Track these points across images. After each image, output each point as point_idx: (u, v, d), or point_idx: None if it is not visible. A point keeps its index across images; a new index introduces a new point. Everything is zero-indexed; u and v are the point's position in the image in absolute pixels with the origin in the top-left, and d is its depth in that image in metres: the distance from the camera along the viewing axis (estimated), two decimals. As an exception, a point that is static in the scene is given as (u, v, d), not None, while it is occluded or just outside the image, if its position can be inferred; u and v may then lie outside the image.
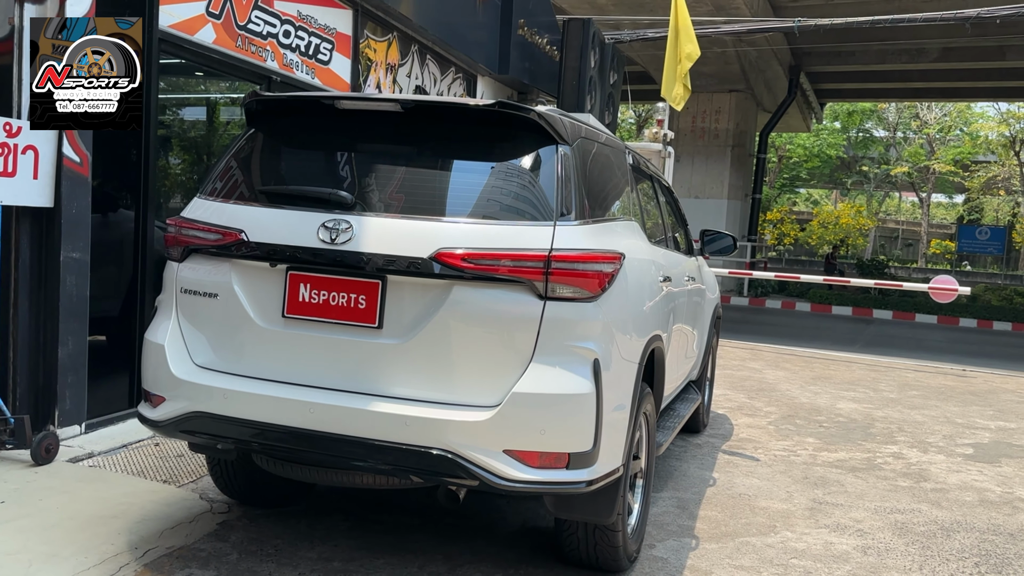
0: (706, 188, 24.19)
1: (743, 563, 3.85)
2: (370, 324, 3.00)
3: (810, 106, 28.78)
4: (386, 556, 3.66)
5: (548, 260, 2.91)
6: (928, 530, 4.46)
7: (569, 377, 2.94)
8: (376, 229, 3.00)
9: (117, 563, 3.40)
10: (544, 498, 3.33)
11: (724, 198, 24.10)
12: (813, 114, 30.60)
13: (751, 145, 25.56)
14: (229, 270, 3.20)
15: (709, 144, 24.15)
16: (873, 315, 19.78)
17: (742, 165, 24.87)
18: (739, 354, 10.84)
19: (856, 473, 5.48)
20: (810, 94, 27.05)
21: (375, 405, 2.95)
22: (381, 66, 8.17)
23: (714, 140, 24.14)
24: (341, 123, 3.34)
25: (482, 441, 2.88)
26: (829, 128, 42.57)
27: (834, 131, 42.96)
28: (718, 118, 24.07)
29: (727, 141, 24.03)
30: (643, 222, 4.12)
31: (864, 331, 16.04)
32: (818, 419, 7.13)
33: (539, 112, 3.11)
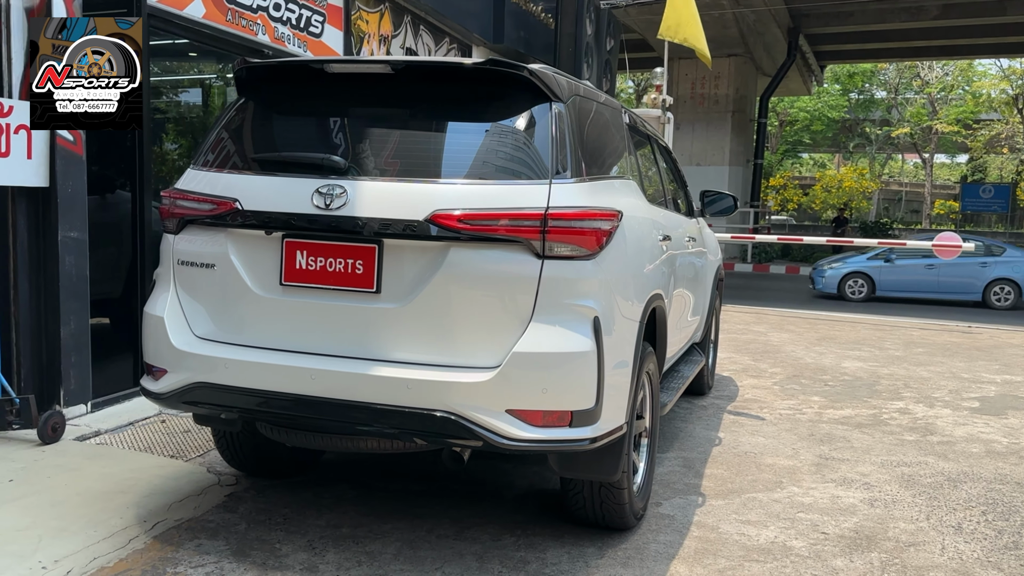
0: (707, 155, 24.09)
1: (750, 518, 3.86)
2: (368, 289, 2.99)
3: (810, 69, 28.54)
4: (394, 521, 3.67)
5: (545, 218, 2.89)
6: (935, 481, 4.47)
7: (569, 335, 2.93)
8: (370, 193, 2.98)
9: (126, 536, 3.42)
10: (549, 457, 3.33)
11: (725, 164, 24.00)
12: (813, 77, 30.36)
13: (751, 110, 25.42)
14: (225, 240, 3.18)
15: (709, 110, 24.02)
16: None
17: (743, 131, 24.75)
18: (743, 318, 10.83)
19: (862, 429, 5.48)
20: (810, 56, 26.81)
21: (376, 369, 2.95)
22: (374, 37, 8.11)
23: (714, 106, 24.01)
24: (331, 88, 3.32)
25: (484, 401, 2.87)
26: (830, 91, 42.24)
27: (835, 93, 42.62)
28: (717, 84, 23.92)
29: (727, 107, 23.90)
30: (641, 182, 4.09)
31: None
32: (823, 378, 7.12)
33: (531, 70, 3.08)
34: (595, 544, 3.51)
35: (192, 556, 3.29)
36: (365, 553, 3.36)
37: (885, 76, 43.00)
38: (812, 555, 3.48)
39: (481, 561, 3.32)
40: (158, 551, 3.32)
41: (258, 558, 3.29)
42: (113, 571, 3.15)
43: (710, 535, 3.65)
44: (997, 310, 13.31)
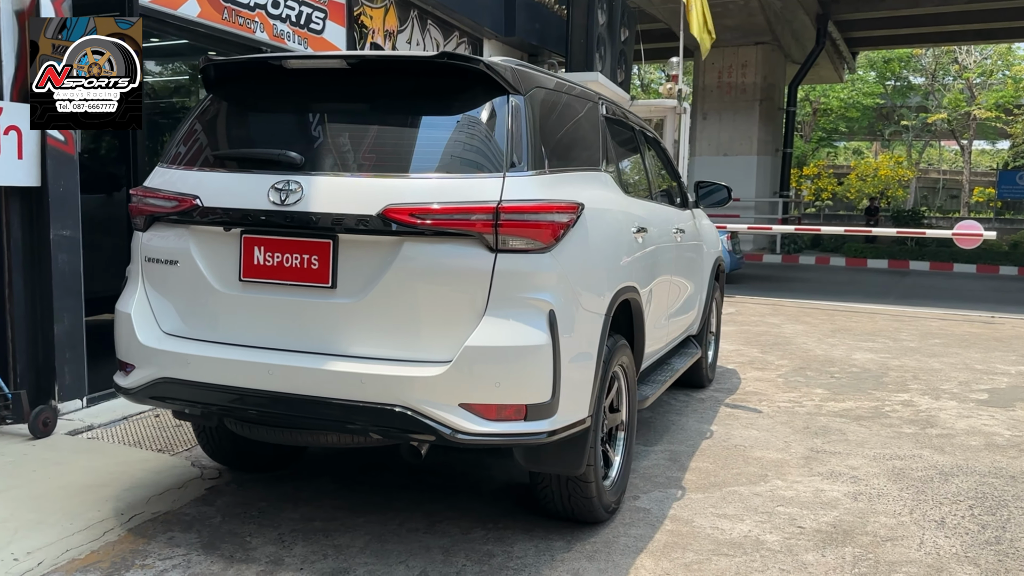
0: (734, 145, 23.81)
1: (727, 511, 3.83)
2: (324, 284, 3.01)
3: (841, 56, 28.07)
4: (367, 515, 3.70)
5: (497, 212, 2.88)
6: (926, 475, 4.39)
7: (523, 329, 2.92)
8: (325, 188, 3.00)
9: (102, 528, 3.48)
10: (514, 451, 3.33)
11: (753, 154, 23.70)
12: (845, 64, 29.85)
13: (780, 99, 25.05)
14: (188, 237, 3.23)
15: (736, 99, 23.73)
16: (909, 267, 19.41)
17: (771, 120, 24.41)
18: (759, 310, 10.71)
19: (860, 422, 5.40)
20: (840, 43, 26.36)
21: (332, 364, 2.97)
22: (379, 33, 8.14)
23: (741, 95, 23.71)
24: (292, 84, 3.34)
25: (437, 396, 2.88)
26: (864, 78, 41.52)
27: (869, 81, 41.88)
28: (744, 72, 23.61)
29: (754, 96, 23.58)
30: (618, 173, 4.06)
31: (899, 283, 15.75)
32: (830, 370, 7.02)
33: (487, 63, 3.07)
34: (564, 538, 3.50)
35: (162, 548, 3.34)
36: (333, 546, 3.39)
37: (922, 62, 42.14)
38: (784, 549, 3.44)
39: (447, 554, 3.33)
40: (130, 543, 3.38)
41: (227, 551, 3.34)
42: (84, 563, 3.21)
43: (683, 529, 3.63)
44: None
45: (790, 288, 14.03)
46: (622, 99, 11.61)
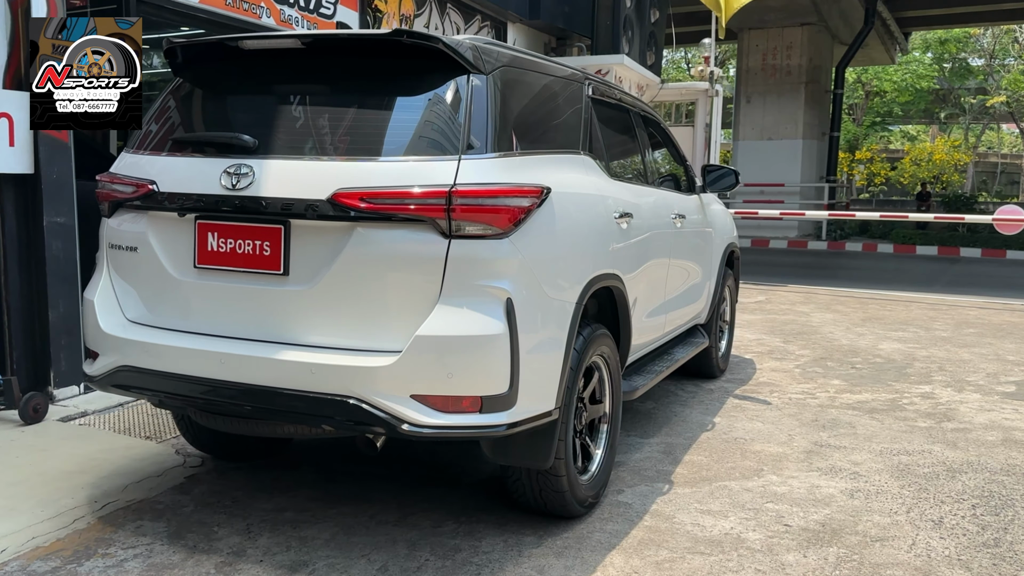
0: (779, 128, 23.30)
1: (712, 507, 3.68)
2: (276, 271, 2.94)
3: (892, 36, 27.23)
4: (341, 506, 3.63)
5: (450, 196, 2.77)
6: (932, 471, 4.18)
7: (478, 318, 2.82)
8: (276, 172, 2.92)
9: (72, 516, 3.47)
10: (481, 444, 3.23)
11: (798, 138, 23.17)
12: (897, 45, 28.96)
13: (827, 81, 24.41)
14: (145, 223, 3.18)
15: (781, 82, 23.20)
16: (960, 253, 18.76)
17: (817, 102, 23.81)
18: (791, 298, 10.43)
19: (873, 415, 5.18)
20: (891, 23, 25.56)
21: (283, 353, 2.90)
22: (394, 17, 8.05)
23: (786, 77, 23.17)
24: (252, 65, 3.27)
25: (387, 387, 2.79)
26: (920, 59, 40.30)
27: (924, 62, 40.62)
28: (789, 54, 23.07)
29: (800, 78, 23.03)
30: (604, 157, 3.91)
31: (948, 271, 15.23)
32: (852, 360, 6.78)
33: (446, 41, 2.95)
34: (537, 532, 3.39)
35: (128, 537, 3.32)
36: (298, 538, 3.33)
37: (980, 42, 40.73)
38: (764, 548, 3.29)
39: (412, 548, 3.25)
40: (98, 532, 3.36)
41: (191, 540, 3.30)
42: (47, 551, 3.20)
43: (662, 525, 3.49)
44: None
45: (831, 276, 13.66)
46: (651, 82, 11.40)
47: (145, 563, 3.11)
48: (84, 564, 3.10)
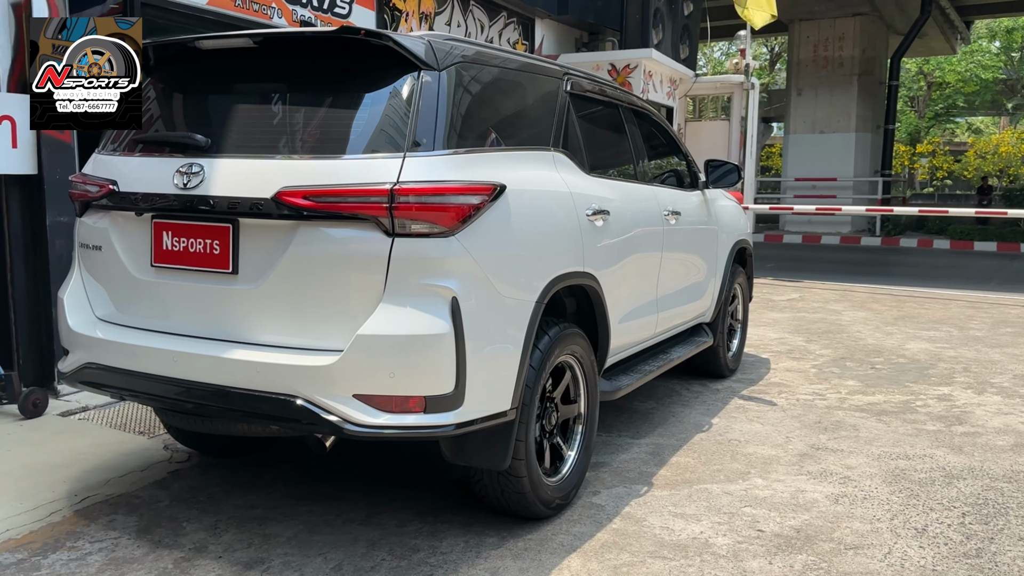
0: (831, 121, 22.76)
1: (686, 511, 3.59)
2: (225, 270, 2.95)
3: (952, 25, 26.35)
4: (312, 503, 3.65)
5: (392, 194, 2.75)
6: (928, 477, 4.02)
7: (421, 317, 2.79)
8: (225, 171, 2.94)
9: (49, 509, 3.55)
10: (440, 444, 3.21)
11: (851, 131, 22.60)
12: (958, 34, 28.03)
13: (881, 72, 23.74)
14: (108, 222, 3.24)
15: (833, 74, 22.64)
16: (1021, 249, 18.09)
17: (871, 94, 23.17)
18: (825, 295, 10.17)
19: (881, 417, 5.01)
20: (949, 11, 24.73)
21: (232, 352, 2.91)
22: (413, 15, 8.06)
23: (838, 69, 22.60)
24: (212, 65, 3.30)
25: (331, 386, 2.78)
26: (984, 48, 38.96)
27: (989, 51, 39.24)
28: (841, 45, 22.50)
29: (852, 69, 22.44)
30: (581, 153, 3.84)
31: (1006, 268, 14.64)
32: (874, 360, 6.57)
33: (395, 38, 2.93)
34: (500, 534, 3.36)
35: (98, 531, 3.38)
36: (262, 535, 3.35)
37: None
38: (729, 554, 3.20)
39: (371, 547, 3.24)
40: (70, 525, 3.43)
41: (158, 536, 3.34)
42: (18, 543, 3.28)
43: (630, 528, 3.42)
44: None
45: (879, 273, 13.28)
46: (684, 75, 11.23)
47: (108, 557, 3.16)
48: (49, 557, 3.16)
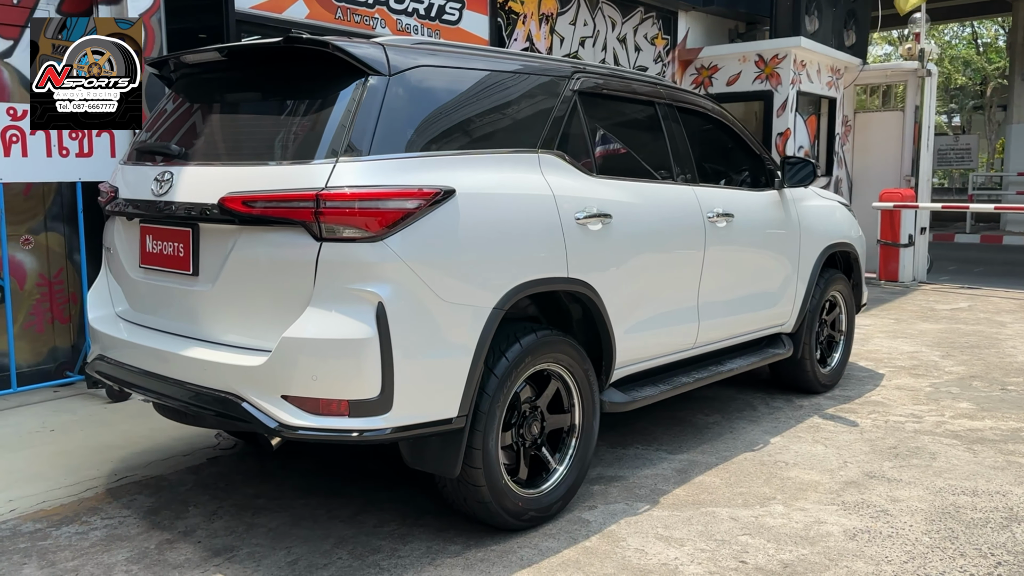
0: (1064, 110, 20.20)
1: (674, 534, 3.37)
2: (187, 271, 3.13)
3: None
4: (310, 497, 3.77)
5: (318, 199, 2.80)
6: (982, 518, 3.51)
7: (344, 321, 2.81)
8: (187, 178, 3.11)
9: (87, 486, 3.91)
10: (400, 446, 3.22)
11: (1089, 121, 19.96)
12: None
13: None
14: (114, 226, 3.53)
15: (1066, 56, 20.10)
16: None
17: (1115, 79, 20.35)
18: (1000, 306, 9.06)
19: (973, 446, 4.42)
20: None
21: (189, 350, 3.09)
22: (532, 17, 8.05)
23: (1072, 51, 20.04)
24: (200, 78, 3.49)
25: (260, 386, 2.88)
26: None
27: None
28: (1077, 23, 19.93)
29: (1090, 51, 19.83)
30: (587, 154, 3.70)
31: None
32: (1008, 382, 5.79)
33: (337, 44, 2.97)
34: (467, 543, 3.31)
35: (114, 510, 3.68)
36: (246, 525, 3.51)
37: None
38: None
39: (336, 545, 3.31)
40: (96, 502, 3.76)
41: (160, 518, 3.59)
42: (46, 514, 3.64)
43: (603, 547, 3.26)
44: None
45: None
46: (848, 63, 10.46)
47: (107, 534, 3.44)
48: (61, 529, 3.49)
